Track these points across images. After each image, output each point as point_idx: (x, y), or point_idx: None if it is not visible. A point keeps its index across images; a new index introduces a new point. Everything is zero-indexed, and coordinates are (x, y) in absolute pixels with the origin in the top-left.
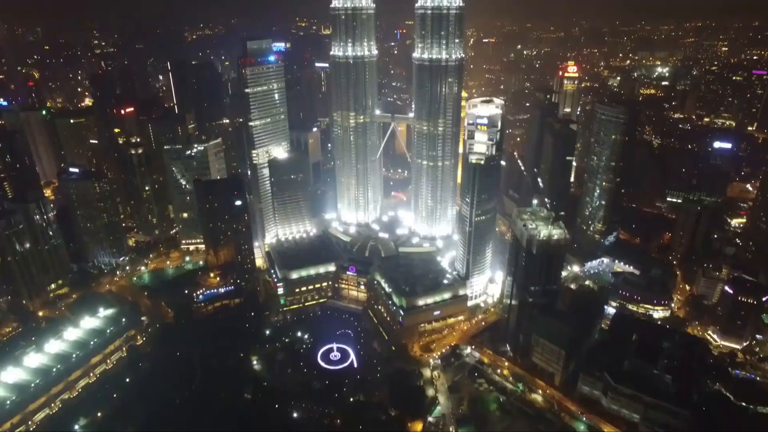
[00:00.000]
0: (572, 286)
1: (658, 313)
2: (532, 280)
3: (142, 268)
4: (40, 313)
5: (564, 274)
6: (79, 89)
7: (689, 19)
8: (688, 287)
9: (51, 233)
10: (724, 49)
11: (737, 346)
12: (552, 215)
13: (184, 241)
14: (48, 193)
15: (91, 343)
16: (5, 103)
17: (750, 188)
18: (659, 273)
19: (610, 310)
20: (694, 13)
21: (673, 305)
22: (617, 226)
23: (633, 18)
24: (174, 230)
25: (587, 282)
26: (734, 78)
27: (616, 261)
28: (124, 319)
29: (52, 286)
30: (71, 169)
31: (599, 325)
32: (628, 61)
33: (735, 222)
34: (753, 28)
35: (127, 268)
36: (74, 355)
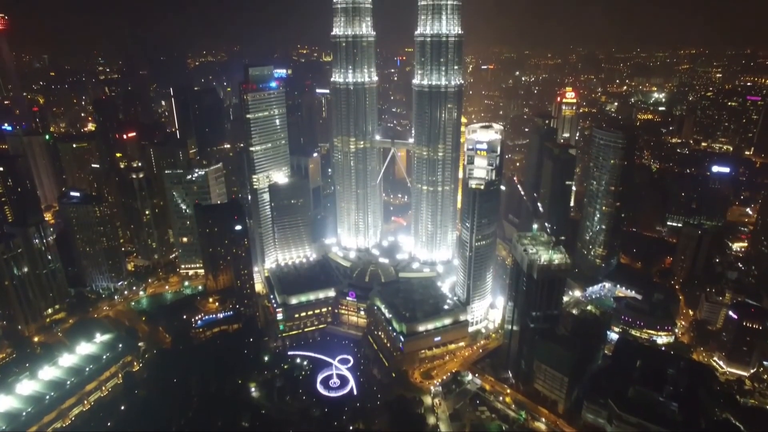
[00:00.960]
0: (574, 312)
1: (662, 339)
2: (534, 306)
3: (141, 292)
4: (36, 339)
5: (565, 299)
6: (82, 114)
7: (683, 47)
8: (691, 312)
9: (50, 257)
10: (718, 75)
11: (744, 373)
12: (552, 240)
13: (183, 266)
14: (48, 216)
15: (86, 369)
16: (9, 128)
17: (750, 212)
18: (661, 298)
19: (613, 336)
20: (688, 40)
21: (676, 330)
22: (618, 250)
23: (628, 45)
24: (173, 255)
25: (589, 307)
26: (729, 103)
27: (618, 285)
28: (120, 345)
29: (49, 311)
30: (72, 193)
31: (602, 351)
32: (625, 87)
33: (736, 246)
34: (745, 56)
35: (126, 292)
36: (68, 382)
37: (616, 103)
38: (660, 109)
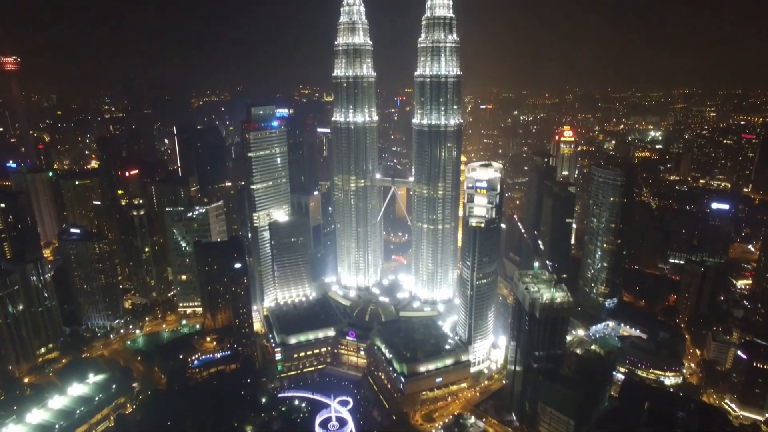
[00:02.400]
0: (578, 351)
1: (670, 380)
2: (536, 345)
3: (137, 331)
4: (26, 380)
5: (569, 338)
6: (86, 152)
7: (677, 87)
8: (698, 352)
9: (46, 294)
10: (712, 114)
11: (759, 418)
12: (554, 278)
13: (181, 304)
14: (47, 253)
15: (77, 412)
16: (14, 165)
17: (752, 249)
18: (667, 336)
19: (619, 376)
20: (682, 80)
21: (684, 371)
22: (620, 288)
23: (623, 85)
24: (172, 293)
25: (593, 346)
26: (725, 141)
27: (622, 324)
28: (114, 386)
29: (42, 350)
30: (72, 230)
31: (608, 392)
32: (622, 126)
33: (740, 283)
34: (737, 95)
35: (122, 331)
36: (57, 426)
37: (613, 142)
38: (657, 147)
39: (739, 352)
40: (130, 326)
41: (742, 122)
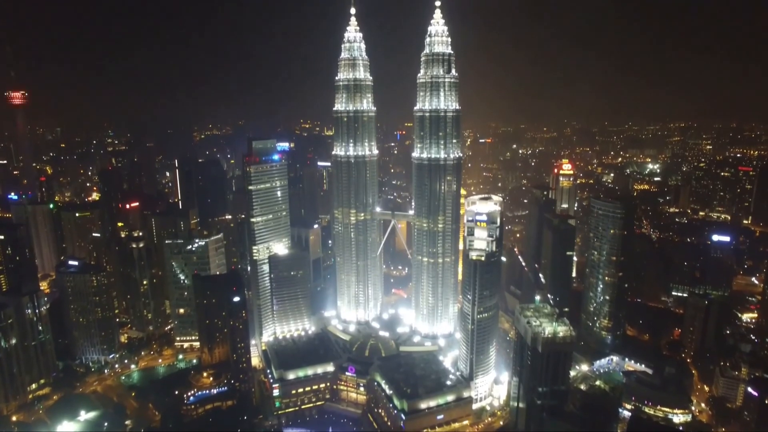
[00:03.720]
0: (582, 387)
1: (679, 417)
2: (540, 381)
3: (132, 366)
4: (14, 418)
5: (572, 373)
6: (87, 184)
7: (673, 120)
8: (706, 388)
9: (41, 328)
10: (708, 147)
11: None
12: (556, 311)
13: (178, 338)
14: (44, 286)
15: None
16: (15, 197)
17: (756, 281)
18: (673, 372)
19: (625, 413)
20: (677, 114)
21: (693, 408)
22: (623, 321)
23: (620, 119)
24: (169, 326)
25: (598, 382)
26: (722, 174)
27: (626, 359)
28: (106, 423)
29: (33, 386)
30: (70, 262)
31: (615, 430)
32: (620, 159)
33: (746, 317)
34: (731, 129)
35: (117, 366)
36: None
37: (612, 174)
38: (655, 179)
39: (750, 389)
40: (125, 361)
41: (738, 155)
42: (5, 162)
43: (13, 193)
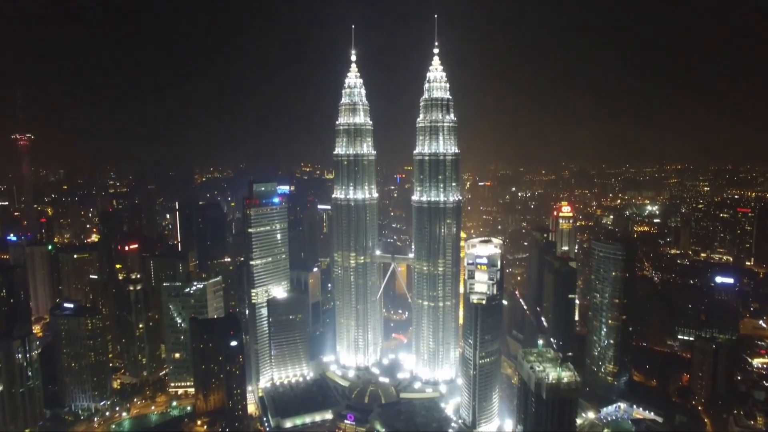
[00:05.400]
0: None
1: None
2: (545, 429)
3: (124, 413)
4: None
5: (579, 421)
6: (87, 225)
7: (669, 162)
8: None
9: (30, 374)
10: (705, 188)
11: None
12: (559, 356)
13: (172, 384)
14: (37, 329)
15: None
16: (14, 238)
17: (763, 324)
18: (684, 420)
19: None
20: (673, 156)
21: None
22: (629, 366)
23: (617, 161)
24: (163, 371)
25: (605, 431)
26: (721, 215)
27: (635, 406)
28: None
29: None
30: (65, 305)
31: None
32: (619, 201)
33: (757, 362)
34: (727, 171)
35: (107, 413)
36: None
37: (611, 216)
38: (655, 221)
39: None
40: (117, 408)
41: (736, 196)
42: (6, 203)
43: (12, 234)
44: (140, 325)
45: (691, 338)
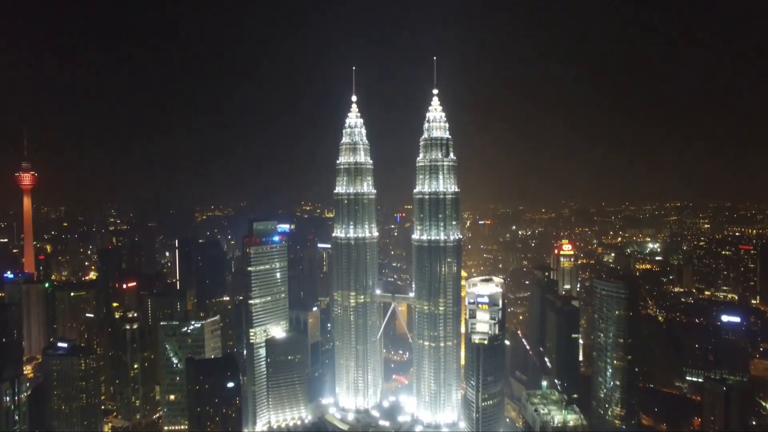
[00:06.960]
0: None
1: None
2: None
3: None
4: None
5: None
6: (86, 263)
7: (668, 200)
8: None
9: (17, 417)
10: (706, 226)
11: None
12: (564, 398)
13: (166, 428)
14: (28, 370)
15: None
16: (11, 276)
17: None
18: None
19: None
20: (673, 194)
21: None
22: (637, 409)
23: (617, 200)
24: (157, 414)
25: None
26: (723, 252)
27: None
28: None
29: None
30: (59, 344)
31: None
32: (619, 239)
33: None
34: (726, 208)
35: None
36: None
37: (612, 254)
38: (657, 258)
39: None
40: None
41: (737, 233)
42: (6, 240)
43: (9, 272)
44: (135, 366)
45: (700, 379)
